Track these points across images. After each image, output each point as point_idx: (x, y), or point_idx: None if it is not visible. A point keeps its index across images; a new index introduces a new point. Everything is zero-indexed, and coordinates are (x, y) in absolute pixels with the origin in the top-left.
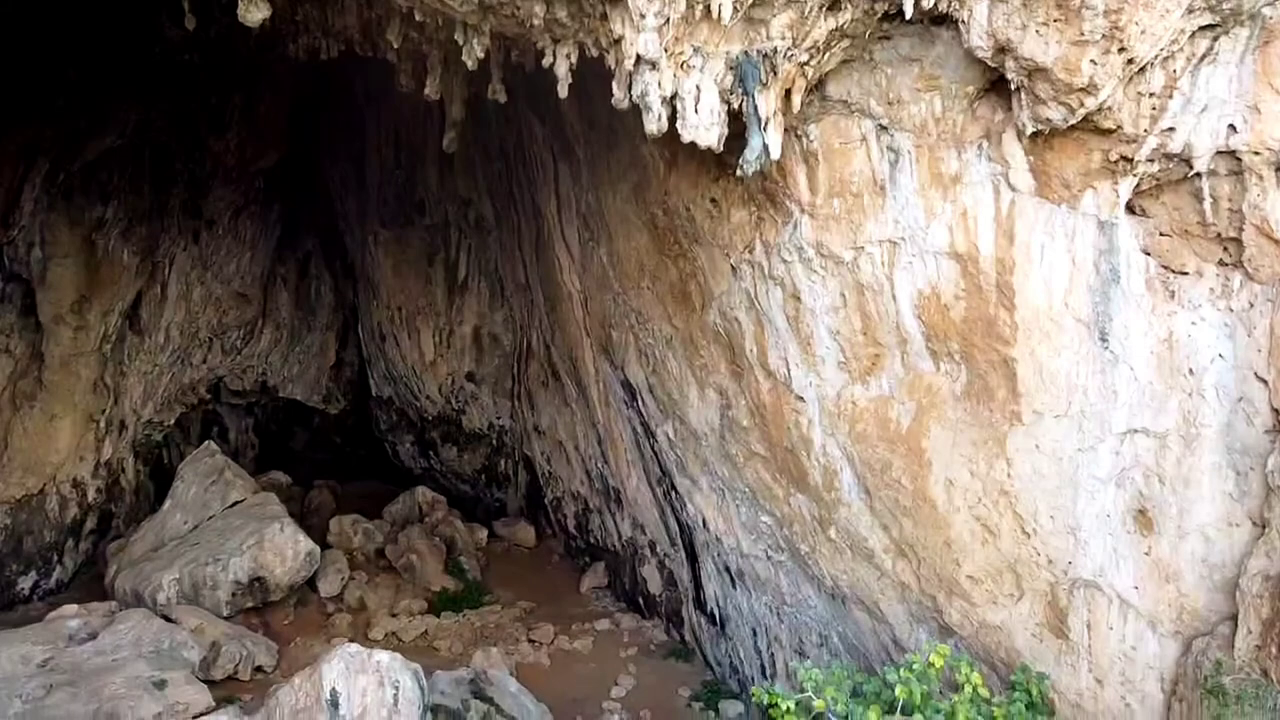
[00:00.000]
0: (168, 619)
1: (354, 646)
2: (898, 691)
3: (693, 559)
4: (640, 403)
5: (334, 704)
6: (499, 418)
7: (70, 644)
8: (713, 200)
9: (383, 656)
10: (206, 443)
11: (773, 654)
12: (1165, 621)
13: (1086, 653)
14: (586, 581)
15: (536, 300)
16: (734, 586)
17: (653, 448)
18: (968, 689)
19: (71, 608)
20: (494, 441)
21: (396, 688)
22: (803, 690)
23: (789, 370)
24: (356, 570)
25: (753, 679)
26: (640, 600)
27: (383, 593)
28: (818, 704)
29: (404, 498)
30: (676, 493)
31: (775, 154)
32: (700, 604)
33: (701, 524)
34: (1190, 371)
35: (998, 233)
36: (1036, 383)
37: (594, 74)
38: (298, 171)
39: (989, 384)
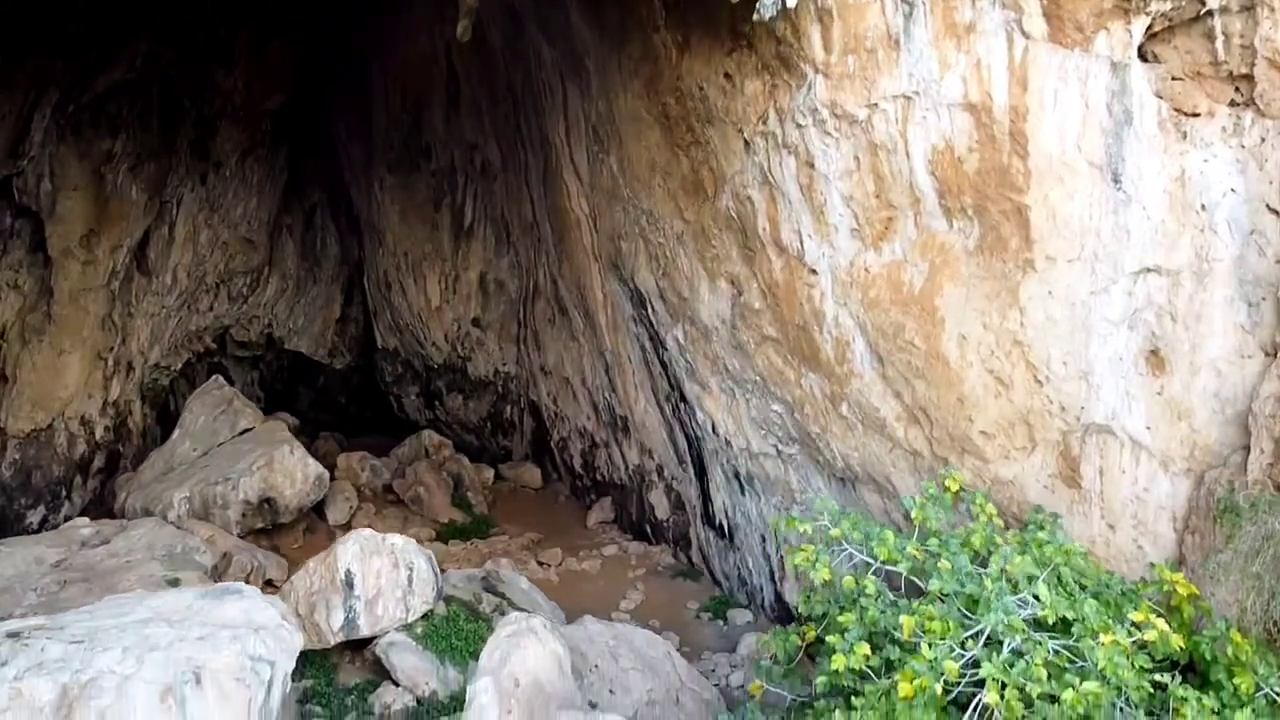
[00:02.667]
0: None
1: (368, 531)
2: (914, 515)
3: (701, 473)
4: (650, 311)
5: (349, 584)
6: (504, 364)
7: (83, 548)
8: (726, 75)
9: (397, 540)
10: (214, 376)
11: (781, 558)
12: (1177, 460)
13: (1099, 499)
14: (593, 516)
15: (544, 235)
16: (743, 493)
17: (661, 359)
18: (983, 517)
19: (84, 520)
20: (499, 389)
21: (411, 569)
22: (819, 521)
23: (801, 243)
24: (364, 502)
25: (761, 588)
26: (647, 528)
27: (390, 523)
28: (834, 531)
29: (410, 441)
30: (685, 403)
31: (792, 1)
32: (708, 518)
33: (710, 430)
34: (1202, 207)
35: (1011, 81)
36: (1050, 228)
37: None
38: (304, 121)
39: (1002, 235)
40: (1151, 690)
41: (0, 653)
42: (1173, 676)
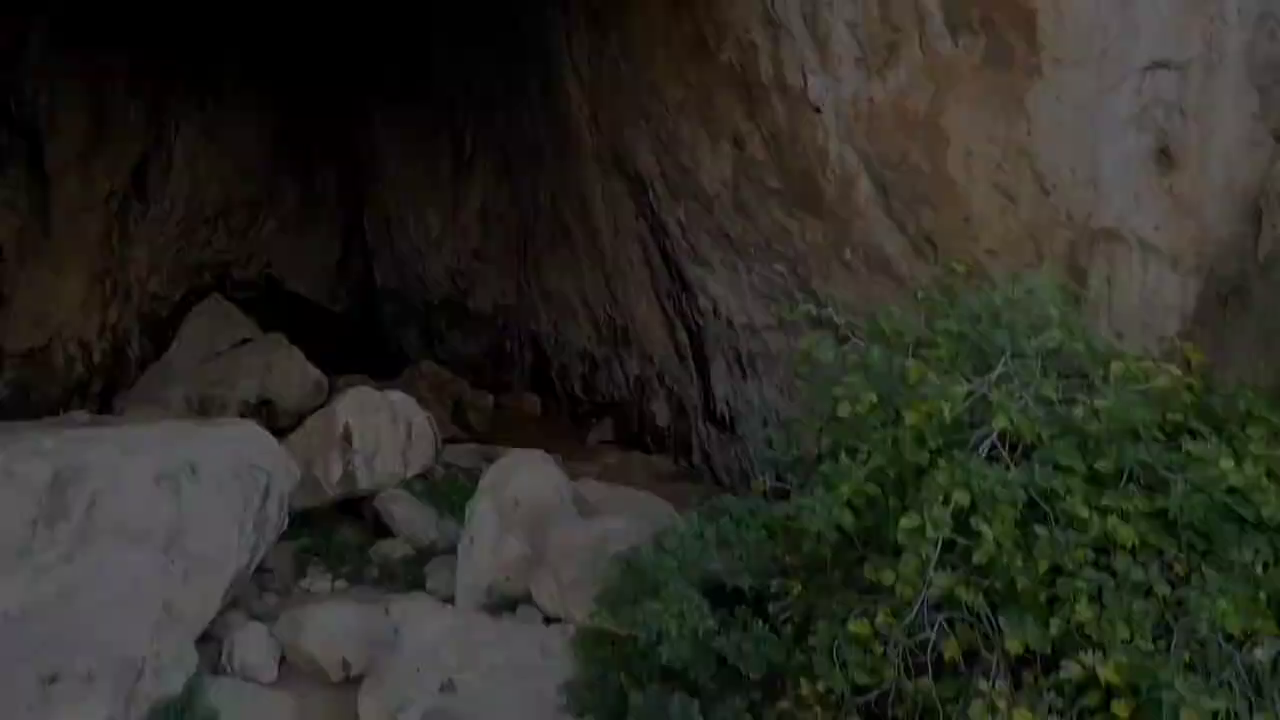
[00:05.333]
0: None
1: (366, 387)
2: (919, 297)
3: (702, 368)
4: (651, 195)
5: (347, 439)
6: (504, 297)
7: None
8: None
9: (396, 395)
10: (213, 295)
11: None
12: (1187, 257)
13: (1106, 309)
14: (593, 436)
15: (544, 154)
16: (745, 378)
17: (662, 249)
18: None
19: (82, 411)
20: (500, 323)
21: (410, 424)
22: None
23: (805, 80)
24: None
25: (762, 476)
26: (648, 439)
27: None
28: (839, 320)
29: (408, 371)
30: (687, 291)
31: None
32: (710, 413)
33: (713, 313)
34: None
35: None
36: (1057, 31)
37: None
38: (303, 54)
39: (1009, 43)
40: (1164, 436)
41: None
42: (1185, 419)
